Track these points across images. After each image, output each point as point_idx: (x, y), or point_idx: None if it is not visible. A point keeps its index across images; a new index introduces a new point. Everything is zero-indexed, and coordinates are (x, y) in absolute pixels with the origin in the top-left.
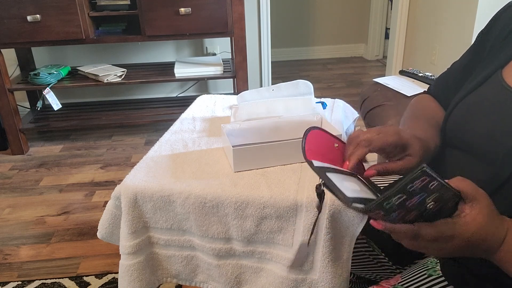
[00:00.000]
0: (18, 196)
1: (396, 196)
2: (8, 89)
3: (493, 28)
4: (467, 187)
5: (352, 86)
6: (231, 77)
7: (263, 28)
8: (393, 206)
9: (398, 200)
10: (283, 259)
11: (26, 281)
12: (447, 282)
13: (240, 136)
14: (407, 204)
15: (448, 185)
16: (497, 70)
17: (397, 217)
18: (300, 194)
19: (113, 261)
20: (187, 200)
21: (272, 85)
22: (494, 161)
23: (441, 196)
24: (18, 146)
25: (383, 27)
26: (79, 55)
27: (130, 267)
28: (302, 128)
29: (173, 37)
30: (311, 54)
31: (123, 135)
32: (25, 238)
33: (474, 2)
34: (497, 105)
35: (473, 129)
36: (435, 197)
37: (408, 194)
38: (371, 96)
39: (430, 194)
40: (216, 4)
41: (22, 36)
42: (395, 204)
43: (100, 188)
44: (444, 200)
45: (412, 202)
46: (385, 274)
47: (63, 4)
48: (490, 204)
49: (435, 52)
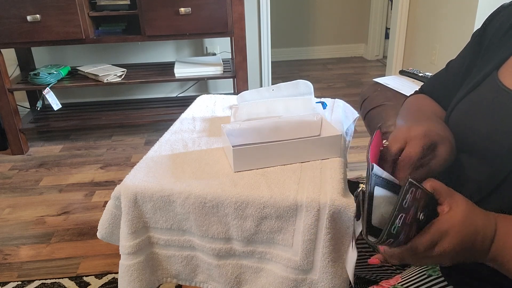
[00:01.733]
0: (18, 196)
1: (398, 217)
2: (8, 89)
3: (488, 28)
4: (439, 186)
5: (352, 86)
6: (231, 77)
7: (263, 28)
8: (398, 228)
9: (400, 220)
10: (283, 259)
11: (26, 281)
12: (447, 282)
13: (240, 136)
14: (406, 221)
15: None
16: (492, 71)
17: (404, 236)
18: (300, 194)
19: (113, 261)
20: (187, 200)
21: (272, 85)
22: (492, 161)
23: (424, 202)
24: (18, 146)
25: (383, 27)
26: (79, 55)
27: (130, 267)
28: (302, 128)
29: (173, 37)
30: (311, 54)
31: (123, 135)
32: (25, 238)
33: (474, 1)
34: (494, 106)
35: (472, 129)
36: (421, 204)
37: (405, 210)
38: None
39: (418, 203)
40: (216, 4)
41: (22, 36)
42: (398, 226)
43: (100, 188)
44: (427, 206)
45: (409, 217)
46: (385, 274)
47: (63, 4)
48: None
49: (435, 52)
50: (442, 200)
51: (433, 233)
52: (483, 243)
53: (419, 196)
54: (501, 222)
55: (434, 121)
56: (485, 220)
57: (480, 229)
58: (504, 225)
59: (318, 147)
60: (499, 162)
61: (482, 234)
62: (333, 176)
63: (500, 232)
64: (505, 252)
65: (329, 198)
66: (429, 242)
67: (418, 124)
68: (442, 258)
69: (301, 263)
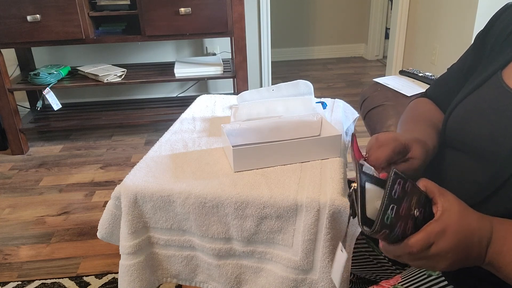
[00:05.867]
0: (18, 196)
1: (389, 207)
2: (8, 89)
3: (492, 29)
4: (432, 185)
5: (352, 86)
6: (231, 77)
7: (263, 28)
8: (392, 219)
9: (392, 210)
10: (283, 259)
11: (26, 281)
12: (447, 282)
13: (240, 136)
14: (400, 213)
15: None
16: (497, 71)
17: (399, 231)
18: (300, 194)
19: (113, 261)
20: (187, 200)
21: (272, 85)
22: (494, 162)
23: (418, 199)
24: (18, 146)
25: (383, 27)
26: (79, 55)
27: (130, 267)
28: (302, 128)
29: (173, 37)
30: (311, 54)
31: (123, 135)
32: (25, 238)
33: (474, 2)
34: (497, 106)
35: (473, 130)
36: (415, 201)
37: (397, 202)
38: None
39: (411, 197)
40: (216, 4)
41: (22, 36)
42: (392, 216)
43: (100, 188)
44: (422, 204)
45: (403, 209)
46: (385, 274)
47: (63, 4)
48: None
49: (435, 52)
50: (436, 199)
51: (429, 232)
52: (480, 245)
53: (409, 189)
54: (497, 226)
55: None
56: (480, 221)
57: (476, 230)
58: (501, 228)
59: (318, 147)
60: (501, 163)
61: (478, 236)
62: (333, 176)
63: (496, 236)
64: (501, 256)
65: (329, 198)
66: (425, 240)
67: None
68: (440, 260)
69: (301, 263)
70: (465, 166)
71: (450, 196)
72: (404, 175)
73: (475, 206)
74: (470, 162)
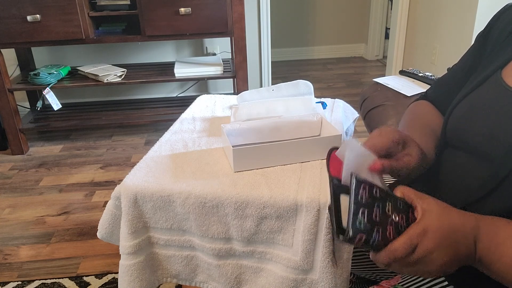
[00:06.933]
0: (18, 196)
1: (359, 211)
2: (8, 89)
3: (493, 29)
4: (409, 191)
5: (352, 86)
6: (231, 77)
7: (263, 28)
8: (365, 224)
9: (363, 215)
10: (283, 259)
11: (26, 281)
12: (447, 282)
13: (240, 136)
14: (374, 218)
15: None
16: (496, 70)
17: (378, 236)
18: (300, 194)
19: (113, 261)
20: (187, 200)
21: (272, 85)
22: (493, 160)
23: (395, 205)
24: (18, 146)
25: (383, 27)
26: (79, 55)
27: (130, 267)
28: (302, 128)
29: (173, 37)
30: (311, 54)
31: (123, 135)
32: (25, 238)
33: (474, 2)
34: (497, 105)
35: (473, 128)
36: (391, 207)
37: (366, 206)
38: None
39: (383, 202)
40: (216, 4)
41: (22, 36)
42: (364, 221)
43: (100, 188)
44: (401, 210)
45: (376, 214)
46: (385, 274)
47: (63, 4)
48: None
49: (435, 52)
50: (414, 203)
51: (411, 234)
52: (466, 241)
53: (378, 195)
54: (483, 221)
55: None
56: (462, 217)
57: (459, 226)
58: (487, 223)
59: (318, 147)
60: (500, 161)
61: (462, 231)
62: None
63: (484, 231)
64: (491, 252)
65: (329, 199)
66: (408, 243)
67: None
68: (429, 262)
69: (301, 263)
70: (465, 164)
71: (429, 199)
72: (369, 182)
73: (474, 204)
74: (470, 160)
